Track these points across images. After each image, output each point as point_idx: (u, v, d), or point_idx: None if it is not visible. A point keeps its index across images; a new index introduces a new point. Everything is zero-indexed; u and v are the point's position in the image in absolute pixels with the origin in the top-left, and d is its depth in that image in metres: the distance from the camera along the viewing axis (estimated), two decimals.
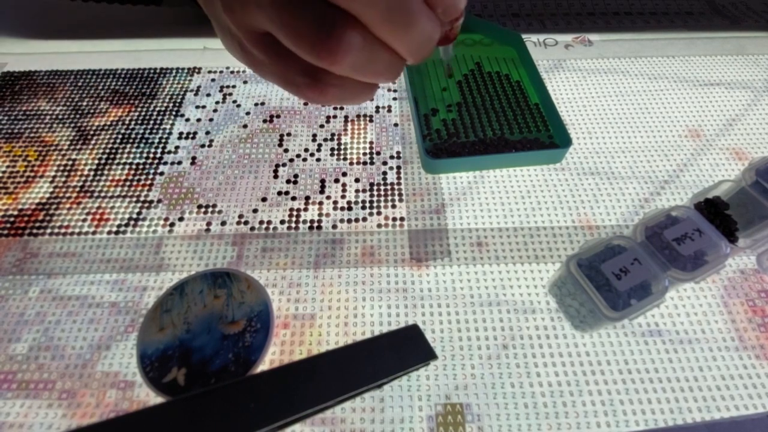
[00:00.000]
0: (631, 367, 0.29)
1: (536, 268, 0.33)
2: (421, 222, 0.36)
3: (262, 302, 0.30)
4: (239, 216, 0.37)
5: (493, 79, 0.45)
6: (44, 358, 0.30)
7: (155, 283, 0.33)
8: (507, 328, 0.31)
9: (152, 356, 0.28)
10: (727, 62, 0.47)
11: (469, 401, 0.28)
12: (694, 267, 0.28)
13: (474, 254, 0.34)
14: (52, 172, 0.39)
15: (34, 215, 0.37)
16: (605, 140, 0.41)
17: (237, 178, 0.39)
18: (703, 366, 0.29)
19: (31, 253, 0.34)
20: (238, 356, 0.27)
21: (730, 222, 0.30)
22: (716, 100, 0.44)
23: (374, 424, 0.27)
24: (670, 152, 0.40)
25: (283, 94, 0.45)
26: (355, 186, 0.38)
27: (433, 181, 0.38)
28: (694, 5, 0.54)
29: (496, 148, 0.39)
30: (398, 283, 0.33)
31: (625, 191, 0.37)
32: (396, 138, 0.41)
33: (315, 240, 0.35)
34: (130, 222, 0.36)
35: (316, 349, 0.30)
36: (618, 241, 0.29)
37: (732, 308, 0.31)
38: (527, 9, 0.54)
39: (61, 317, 0.31)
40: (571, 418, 0.28)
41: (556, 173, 0.39)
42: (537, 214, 0.36)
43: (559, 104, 0.43)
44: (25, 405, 0.28)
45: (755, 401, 0.28)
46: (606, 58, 0.48)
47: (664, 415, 0.28)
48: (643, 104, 0.43)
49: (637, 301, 0.27)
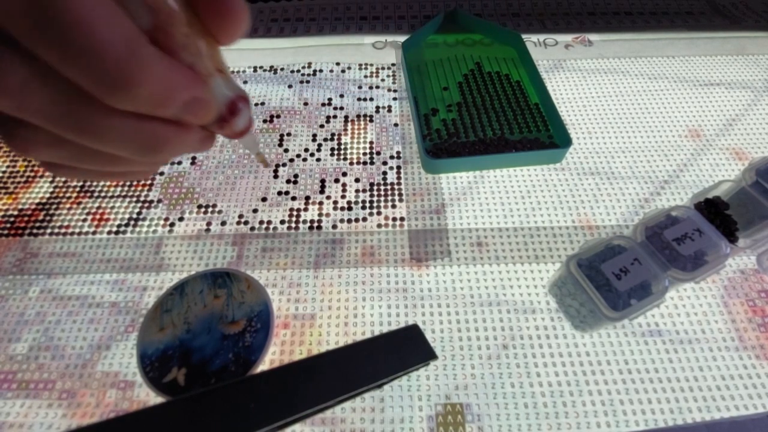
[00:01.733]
0: (631, 367, 0.29)
1: (536, 268, 0.33)
2: (421, 222, 0.36)
3: (262, 302, 0.30)
4: (239, 216, 0.37)
5: (493, 79, 0.45)
6: (44, 358, 0.30)
7: (155, 283, 0.33)
8: (507, 328, 0.31)
9: (152, 356, 0.28)
10: (727, 62, 0.47)
11: (469, 401, 0.28)
12: (694, 267, 0.28)
13: (474, 254, 0.34)
14: None
15: (34, 215, 0.37)
16: (605, 140, 0.41)
17: (237, 178, 0.39)
18: (703, 366, 0.29)
19: (31, 253, 0.34)
20: (238, 356, 0.27)
21: (730, 222, 0.30)
22: (716, 100, 0.44)
23: (374, 424, 0.27)
24: (670, 152, 0.40)
25: (283, 94, 0.45)
26: (355, 186, 0.38)
27: (433, 181, 0.38)
28: (694, 5, 0.54)
29: (496, 148, 0.39)
30: (398, 283, 0.33)
31: (625, 191, 0.37)
32: (396, 138, 0.41)
33: (315, 240, 0.35)
34: (130, 222, 0.36)
35: (316, 349, 0.30)
36: (618, 241, 0.29)
37: (732, 308, 0.31)
38: (527, 9, 0.54)
39: (61, 317, 0.31)
40: (571, 418, 0.28)
41: (556, 173, 0.39)
42: (537, 214, 0.36)
43: (559, 104, 0.43)
44: (25, 405, 0.28)
45: (755, 401, 0.28)
46: (606, 58, 0.48)
47: (664, 415, 0.28)
48: (643, 104, 0.43)
49: (637, 301, 0.27)
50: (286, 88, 0.45)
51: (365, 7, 0.55)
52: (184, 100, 0.14)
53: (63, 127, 0.13)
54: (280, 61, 0.48)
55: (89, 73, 0.12)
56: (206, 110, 0.15)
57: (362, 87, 0.45)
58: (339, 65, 0.47)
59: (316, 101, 0.44)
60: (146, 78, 0.12)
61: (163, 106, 0.14)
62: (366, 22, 0.53)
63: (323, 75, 0.46)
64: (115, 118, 0.13)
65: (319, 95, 0.45)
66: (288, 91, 0.45)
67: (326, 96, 0.45)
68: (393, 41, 0.50)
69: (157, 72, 0.13)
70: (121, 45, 0.12)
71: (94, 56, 0.11)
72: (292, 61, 0.48)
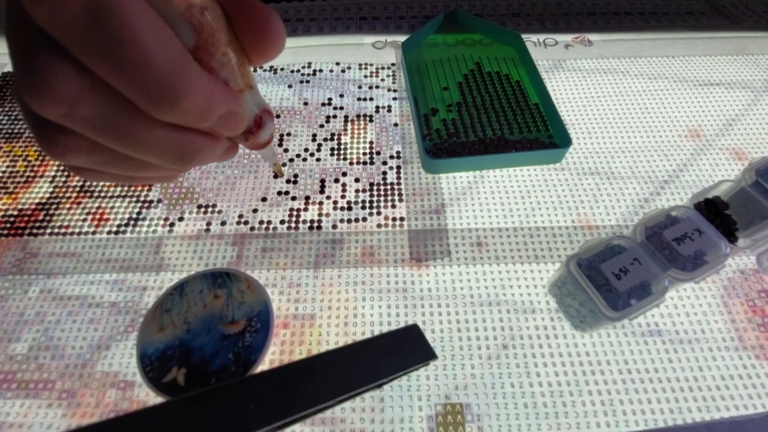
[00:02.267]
0: (631, 367, 0.29)
1: (536, 268, 0.33)
2: (421, 222, 0.36)
3: (262, 302, 0.30)
4: (239, 216, 0.37)
5: (493, 79, 0.45)
6: (44, 358, 0.30)
7: (155, 283, 0.33)
8: (507, 328, 0.31)
9: (152, 356, 0.28)
10: (727, 62, 0.47)
11: (469, 401, 0.28)
12: (694, 267, 0.28)
13: (474, 254, 0.34)
14: (52, 171, 0.39)
15: (34, 215, 0.37)
16: (605, 140, 0.41)
17: (237, 178, 0.39)
18: (703, 366, 0.29)
19: (31, 253, 0.34)
20: (238, 356, 0.27)
21: (730, 222, 0.30)
22: (716, 100, 0.44)
23: (374, 424, 0.27)
24: (670, 152, 0.40)
25: (283, 94, 0.45)
26: (355, 186, 0.38)
27: (433, 181, 0.38)
28: (694, 5, 0.54)
29: (496, 148, 0.39)
30: (398, 283, 0.33)
31: (625, 191, 0.37)
32: (396, 138, 0.41)
33: (315, 240, 0.35)
34: (130, 222, 0.36)
35: (316, 349, 0.30)
36: (618, 241, 0.29)
37: (732, 308, 0.31)
38: (527, 9, 0.54)
39: (61, 317, 0.31)
40: (571, 418, 0.28)
41: (556, 173, 0.39)
42: (537, 214, 0.36)
43: (559, 104, 0.43)
44: (25, 405, 0.28)
45: (755, 401, 0.28)
46: (606, 58, 0.48)
47: (664, 415, 0.28)
48: (643, 104, 0.43)
49: (637, 301, 0.27)
50: (286, 88, 0.45)
51: (365, 7, 0.55)
52: (221, 114, 0.15)
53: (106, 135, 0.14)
54: (280, 61, 0.48)
55: (139, 86, 0.13)
56: (239, 123, 0.16)
57: (362, 87, 0.45)
58: (339, 65, 0.47)
59: (316, 101, 0.44)
60: (190, 93, 0.13)
61: (203, 119, 0.14)
62: (366, 22, 0.53)
63: (323, 75, 0.47)
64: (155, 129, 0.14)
65: (319, 95, 0.45)
66: (288, 91, 0.45)
67: (326, 96, 0.45)
68: (393, 41, 0.50)
69: (200, 88, 0.14)
70: (169, 62, 0.12)
71: (145, 71, 0.12)
72: (291, 61, 0.48)
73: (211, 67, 0.15)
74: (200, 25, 0.14)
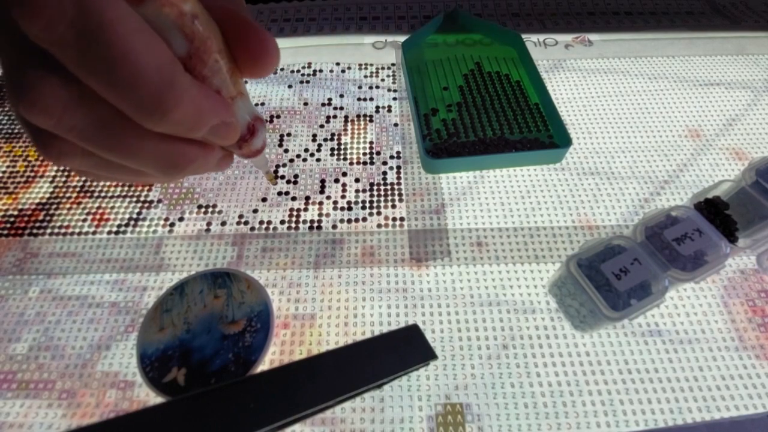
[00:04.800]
0: (631, 367, 0.29)
1: (536, 268, 0.33)
2: (421, 222, 0.36)
3: (262, 302, 0.30)
4: (239, 216, 0.37)
5: (493, 79, 0.45)
6: (44, 358, 0.30)
7: (155, 283, 0.33)
8: (507, 328, 0.31)
9: (152, 356, 0.28)
10: (727, 62, 0.47)
11: (469, 401, 0.28)
12: (694, 267, 0.28)
13: (474, 254, 0.34)
14: (52, 172, 0.39)
15: (34, 215, 0.37)
16: (605, 140, 0.41)
17: (237, 178, 0.39)
18: (703, 366, 0.29)
19: (31, 253, 0.34)
20: (238, 356, 0.27)
21: (730, 222, 0.30)
22: (716, 100, 0.44)
23: (374, 424, 0.27)
24: (670, 152, 0.40)
25: (283, 94, 0.45)
26: (355, 186, 0.38)
27: (433, 181, 0.38)
28: (694, 5, 0.54)
29: (496, 148, 0.39)
30: (398, 283, 0.33)
31: (625, 191, 0.37)
32: (396, 138, 0.41)
33: (315, 240, 0.35)
34: (130, 222, 0.36)
35: (316, 349, 0.30)
36: (618, 241, 0.29)
37: (732, 308, 0.31)
38: (527, 9, 0.54)
39: (61, 317, 0.31)
40: (571, 418, 0.28)
41: (556, 173, 0.39)
42: (537, 214, 0.36)
43: (559, 104, 0.43)
44: (25, 405, 0.28)
45: (755, 401, 0.28)
46: (606, 58, 0.48)
47: (664, 415, 0.28)
48: (643, 104, 0.43)
49: (637, 301, 0.27)
50: (286, 88, 0.45)
51: (365, 7, 0.55)
52: (214, 124, 0.15)
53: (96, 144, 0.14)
54: (280, 61, 0.48)
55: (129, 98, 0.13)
56: (232, 132, 0.16)
57: (362, 87, 0.45)
58: (339, 65, 0.47)
59: (316, 101, 0.44)
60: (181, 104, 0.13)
61: (195, 129, 0.14)
62: (366, 22, 0.53)
63: (323, 75, 0.47)
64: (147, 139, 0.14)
65: (319, 95, 0.45)
66: (288, 91, 0.45)
67: (326, 96, 0.45)
68: (393, 41, 0.50)
69: (190, 98, 0.13)
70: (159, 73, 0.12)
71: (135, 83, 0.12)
72: (292, 61, 0.48)
73: (203, 75, 0.14)
74: (192, 33, 0.14)
